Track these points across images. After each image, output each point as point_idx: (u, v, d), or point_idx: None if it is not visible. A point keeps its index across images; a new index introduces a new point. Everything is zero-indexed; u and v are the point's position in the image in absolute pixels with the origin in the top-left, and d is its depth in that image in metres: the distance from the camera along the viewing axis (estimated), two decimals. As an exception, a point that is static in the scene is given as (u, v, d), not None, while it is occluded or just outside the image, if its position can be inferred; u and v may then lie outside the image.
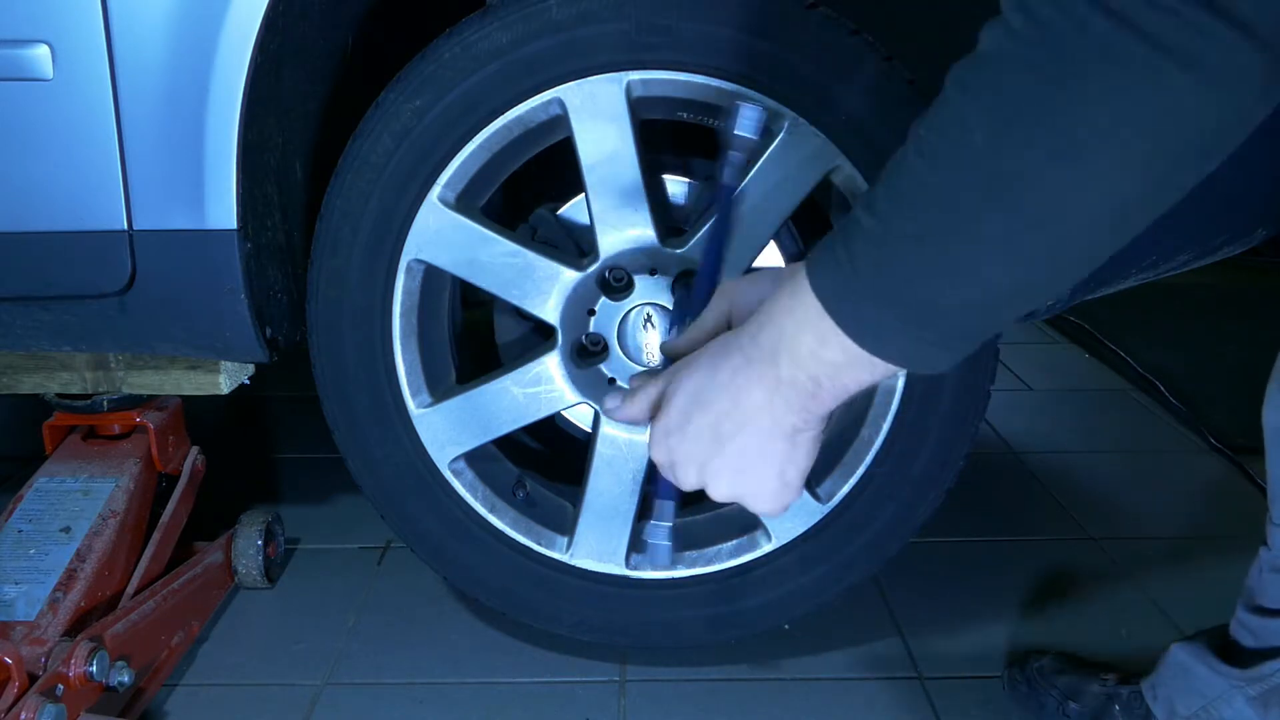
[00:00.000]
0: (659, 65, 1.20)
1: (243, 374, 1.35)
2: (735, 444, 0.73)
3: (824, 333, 0.66)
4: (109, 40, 1.11)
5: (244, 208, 1.18)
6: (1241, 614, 1.15)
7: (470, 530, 1.35)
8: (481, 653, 1.45)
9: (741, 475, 0.74)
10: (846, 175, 1.24)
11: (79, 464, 1.48)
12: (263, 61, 1.15)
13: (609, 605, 1.37)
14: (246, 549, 1.57)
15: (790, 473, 0.74)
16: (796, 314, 0.67)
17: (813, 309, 0.66)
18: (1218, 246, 1.27)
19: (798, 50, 1.19)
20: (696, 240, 1.26)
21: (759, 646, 1.44)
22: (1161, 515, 1.82)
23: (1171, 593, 1.57)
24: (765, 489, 0.75)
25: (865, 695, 1.36)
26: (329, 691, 1.38)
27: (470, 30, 1.20)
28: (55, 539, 1.36)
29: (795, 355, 0.68)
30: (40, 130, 1.14)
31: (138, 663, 1.28)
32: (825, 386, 0.69)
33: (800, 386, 0.69)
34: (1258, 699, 1.11)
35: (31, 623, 1.25)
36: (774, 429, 0.72)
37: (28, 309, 1.22)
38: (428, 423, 1.31)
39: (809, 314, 0.66)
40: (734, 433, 0.73)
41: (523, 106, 1.21)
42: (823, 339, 0.66)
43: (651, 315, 1.29)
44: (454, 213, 1.24)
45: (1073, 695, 1.27)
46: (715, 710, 1.34)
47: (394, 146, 1.22)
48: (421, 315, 1.30)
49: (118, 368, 1.34)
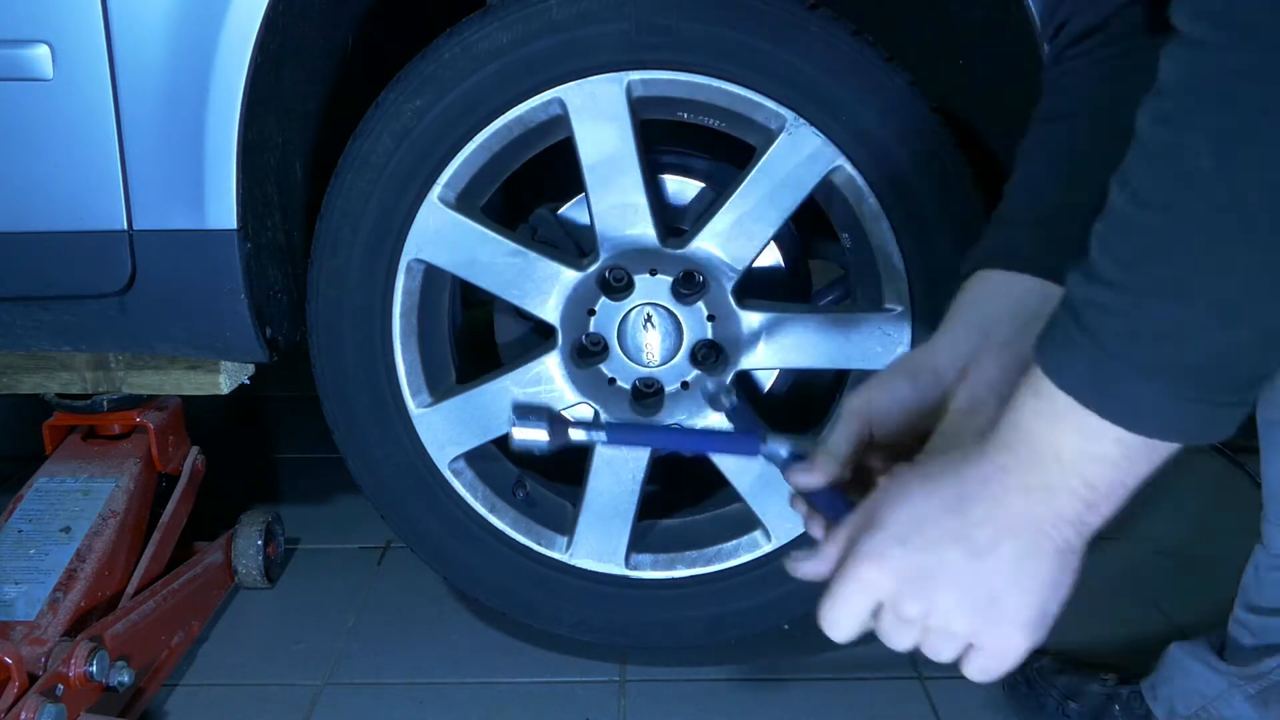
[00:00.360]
0: (659, 65, 1.20)
1: (243, 374, 1.35)
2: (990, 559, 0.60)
3: (1088, 429, 0.57)
4: (109, 40, 1.11)
5: (244, 208, 1.18)
6: (1240, 613, 1.15)
7: (470, 530, 1.34)
8: (481, 653, 1.45)
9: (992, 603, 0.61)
10: (846, 175, 1.24)
11: (79, 464, 1.48)
12: (263, 61, 1.15)
13: (609, 605, 1.37)
14: (246, 549, 1.57)
15: (1053, 604, 0.62)
16: (1046, 415, 0.58)
17: (1064, 406, 0.57)
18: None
19: (798, 51, 1.19)
20: (696, 241, 1.25)
21: (759, 646, 1.44)
22: (1161, 515, 1.82)
23: (1171, 593, 1.57)
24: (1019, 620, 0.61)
25: (865, 695, 1.36)
26: (329, 691, 1.38)
27: (470, 30, 1.20)
28: (55, 539, 1.36)
29: (1061, 459, 0.58)
30: (40, 130, 1.14)
31: (138, 663, 1.28)
32: (1101, 489, 0.58)
33: (1074, 493, 0.59)
34: (1257, 697, 1.11)
35: (31, 623, 1.25)
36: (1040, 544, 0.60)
37: (28, 309, 1.22)
38: (428, 423, 1.31)
39: (1061, 412, 0.57)
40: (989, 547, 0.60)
41: (523, 106, 1.21)
42: (1089, 434, 0.57)
43: (651, 315, 1.29)
44: (454, 213, 1.24)
45: (1073, 695, 1.27)
46: (715, 710, 1.34)
47: (394, 146, 1.22)
48: (421, 315, 1.30)
49: (118, 368, 1.34)
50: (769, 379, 1.49)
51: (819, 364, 1.34)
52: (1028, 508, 0.59)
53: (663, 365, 1.31)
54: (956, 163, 1.24)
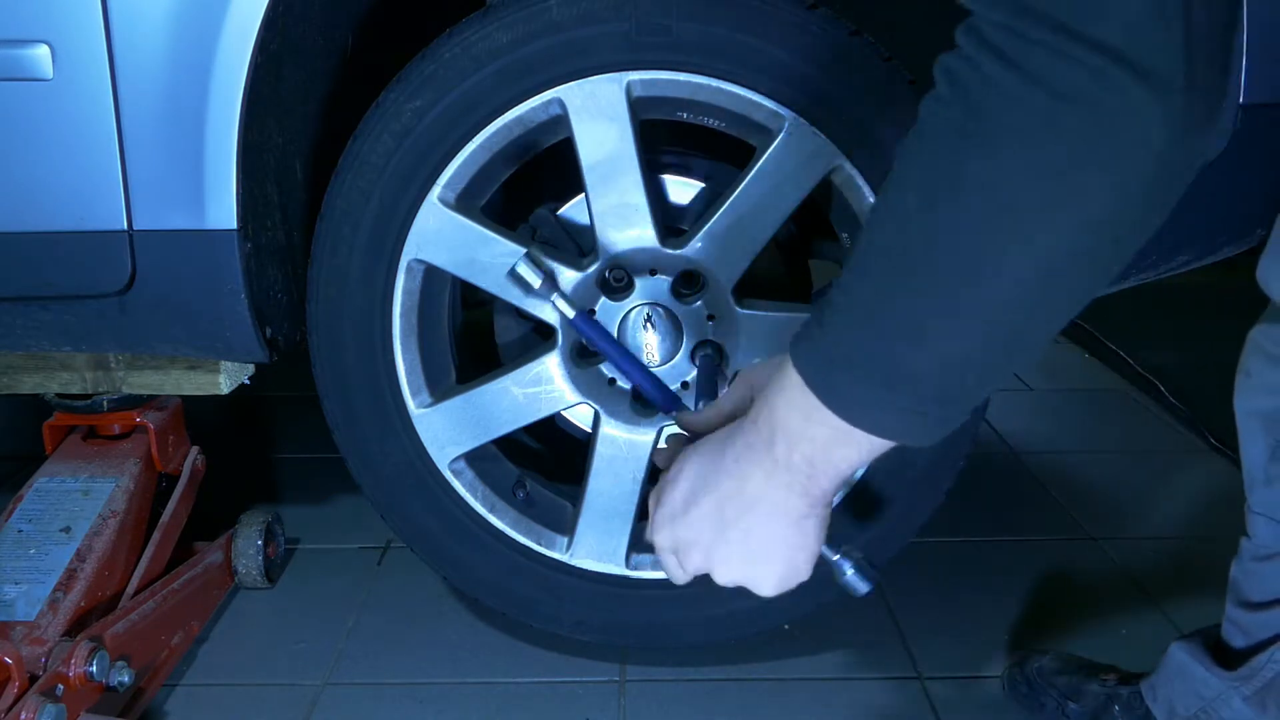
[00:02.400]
0: (659, 65, 1.20)
1: (243, 374, 1.35)
2: (739, 529, 0.72)
3: (809, 409, 0.66)
4: (109, 40, 1.11)
5: (244, 208, 1.18)
6: (1231, 611, 1.15)
7: (470, 530, 1.34)
8: (481, 653, 1.45)
9: (748, 562, 0.73)
10: (846, 175, 1.24)
11: (79, 464, 1.48)
12: (263, 61, 1.15)
13: (609, 605, 1.37)
14: (246, 549, 1.57)
15: (798, 558, 0.73)
16: (786, 393, 0.67)
17: (797, 386, 0.66)
18: (1218, 246, 1.27)
19: (798, 51, 1.19)
20: (696, 241, 1.26)
21: (759, 646, 1.44)
22: (1161, 515, 1.82)
23: (1171, 593, 1.57)
24: (772, 574, 0.74)
25: (865, 695, 1.36)
26: (329, 691, 1.38)
27: (470, 30, 1.20)
28: (55, 539, 1.36)
29: (788, 435, 0.68)
30: (40, 130, 1.14)
31: (138, 663, 1.28)
32: (819, 466, 0.68)
33: (795, 468, 0.69)
34: (1254, 697, 1.11)
35: (31, 623, 1.25)
36: (777, 513, 0.71)
37: (28, 309, 1.22)
38: (428, 423, 1.31)
39: (794, 391, 0.66)
40: (737, 518, 0.72)
41: (523, 106, 1.21)
42: (808, 415, 0.66)
43: (651, 315, 1.29)
44: (454, 213, 1.24)
45: (1073, 695, 1.27)
46: (715, 710, 1.34)
47: (394, 146, 1.22)
48: (421, 315, 1.30)
49: (118, 368, 1.34)
50: (769, 379, 1.49)
51: (819, 364, 1.34)
52: (765, 482, 0.70)
53: (663, 365, 1.31)
54: (956, 163, 1.23)
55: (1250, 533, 1.12)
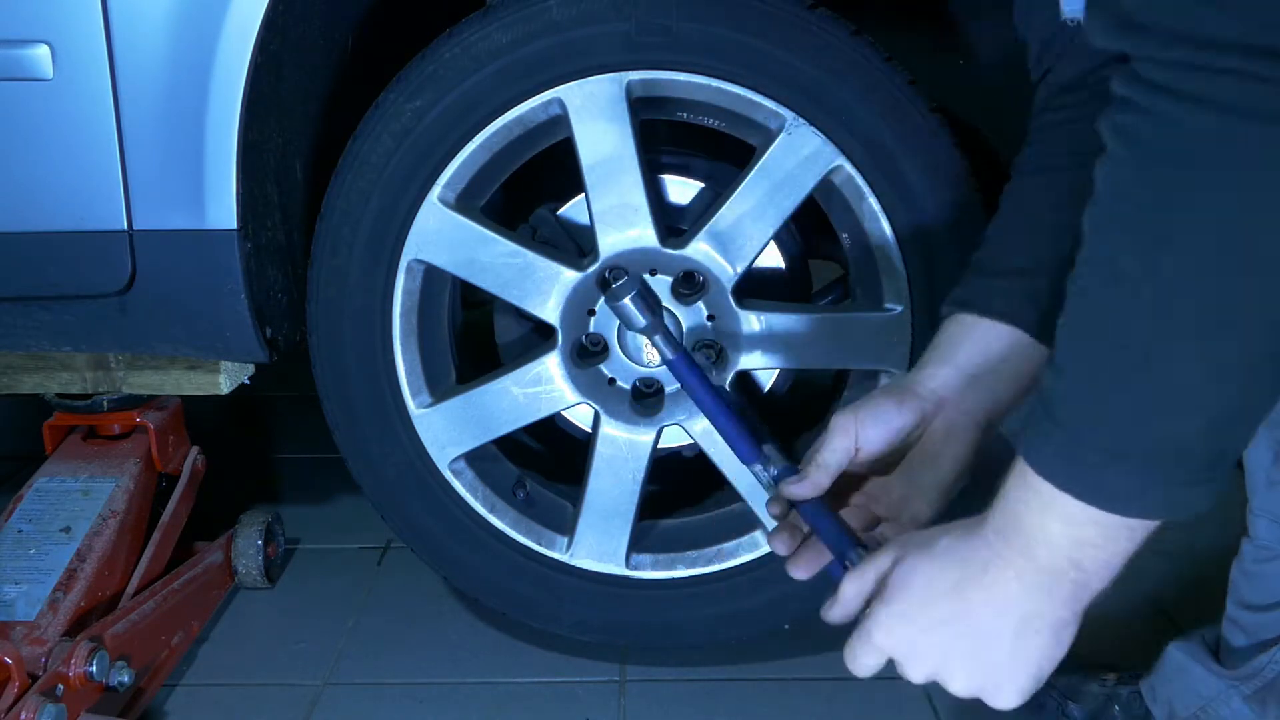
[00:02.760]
0: (659, 65, 1.20)
1: (243, 374, 1.35)
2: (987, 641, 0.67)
3: (1070, 512, 0.61)
4: (109, 40, 1.11)
5: (244, 208, 1.18)
6: (1232, 611, 1.15)
7: (470, 530, 1.34)
8: (481, 653, 1.45)
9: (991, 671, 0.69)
10: (846, 175, 1.24)
11: (79, 464, 1.48)
12: (263, 61, 1.15)
13: (609, 605, 1.37)
14: (246, 549, 1.57)
15: (1046, 668, 0.69)
16: (1032, 502, 0.63)
17: (1046, 492, 0.62)
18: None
19: (798, 51, 1.19)
20: (696, 242, 1.25)
21: (759, 646, 1.44)
22: (1161, 515, 1.82)
23: (1171, 593, 1.57)
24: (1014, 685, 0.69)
25: (865, 695, 1.36)
26: (329, 691, 1.38)
27: (470, 30, 1.20)
28: (55, 539, 1.36)
29: (1049, 543, 0.63)
30: (40, 130, 1.14)
31: (138, 663, 1.28)
32: (1089, 569, 0.64)
33: (1063, 575, 0.64)
34: (1254, 697, 1.11)
35: (31, 623, 1.25)
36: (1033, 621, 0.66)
37: (28, 309, 1.22)
38: (428, 423, 1.31)
39: (1044, 498, 0.62)
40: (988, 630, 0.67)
41: (523, 106, 1.21)
42: (1070, 519, 0.62)
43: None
44: (454, 213, 1.24)
45: (1073, 695, 1.27)
46: (715, 710, 1.34)
47: (394, 146, 1.22)
48: (421, 315, 1.30)
49: (118, 368, 1.34)
50: (769, 379, 1.49)
51: (819, 364, 1.34)
52: (1023, 592, 0.65)
53: (662, 365, 1.30)
54: (957, 163, 1.24)
55: (1252, 534, 1.12)
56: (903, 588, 0.70)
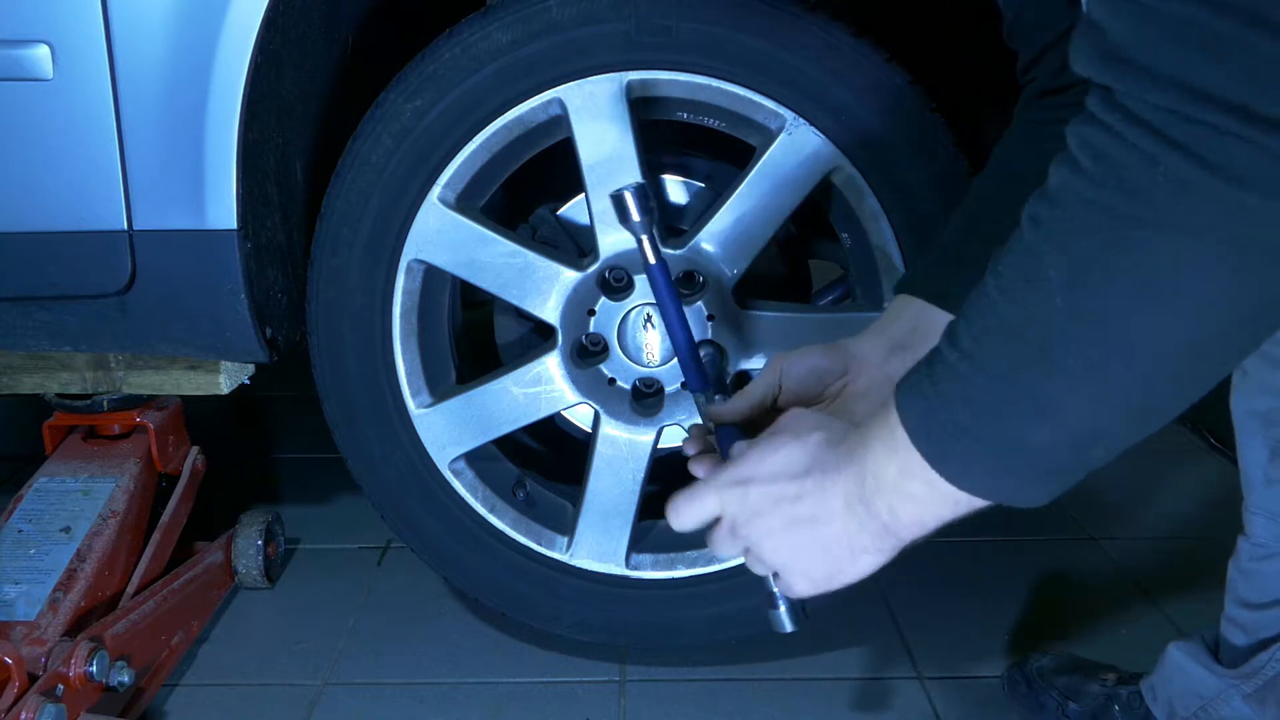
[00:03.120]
0: (659, 66, 1.20)
1: (243, 374, 1.35)
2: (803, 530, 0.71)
3: (909, 465, 0.64)
4: (109, 40, 1.11)
5: (244, 208, 1.18)
6: (1231, 610, 1.15)
7: (470, 530, 1.35)
8: (481, 653, 1.45)
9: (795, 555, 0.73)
10: (846, 175, 1.24)
11: (79, 464, 1.48)
12: (263, 61, 1.15)
13: (609, 605, 1.37)
14: (246, 549, 1.57)
15: (838, 578, 0.73)
16: (886, 440, 0.66)
17: (900, 439, 0.64)
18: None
19: (798, 51, 1.19)
20: (696, 242, 1.26)
21: (759, 646, 1.44)
22: (1161, 515, 1.82)
23: (1171, 593, 1.57)
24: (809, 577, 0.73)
25: (865, 695, 1.36)
26: (329, 691, 1.38)
27: (470, 30, 1.20)
28: (55, 539, 1.36)
29: (879, 482, 0.67)
30: (40, 130, 1.14)
31: (138, 663, 1.28)
32: (902, 519, 0.67)
33: (876, 513, 0.68)
34: (1254, 696, 1.11)
35: (31, 623, 1.25)
36: (842, 538, 0.70)
37: (28, 309, 1.22)
38: (428, 423, 1.31)
39: (896, 443, 0.65)
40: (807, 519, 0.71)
41: (523, 107, 1.21)
42: (906, 470, 0.65)
43: (651, 315, 1.29)
44: (454, 213, 1.24)
45: (1073, 695, 1.27)
46: (715, 710, 1.34)
47: (394, 146, 1.22)
48: (421, 315, 1.30)
49: (118, 368, 1.34)
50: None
51: (819, 364, 1.34)
52: (844, 509, 0.69)
53: (663, 365, 1.31)
54: (956, 162, 1.24)
55: (1249, 533, 1.12)
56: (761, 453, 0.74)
